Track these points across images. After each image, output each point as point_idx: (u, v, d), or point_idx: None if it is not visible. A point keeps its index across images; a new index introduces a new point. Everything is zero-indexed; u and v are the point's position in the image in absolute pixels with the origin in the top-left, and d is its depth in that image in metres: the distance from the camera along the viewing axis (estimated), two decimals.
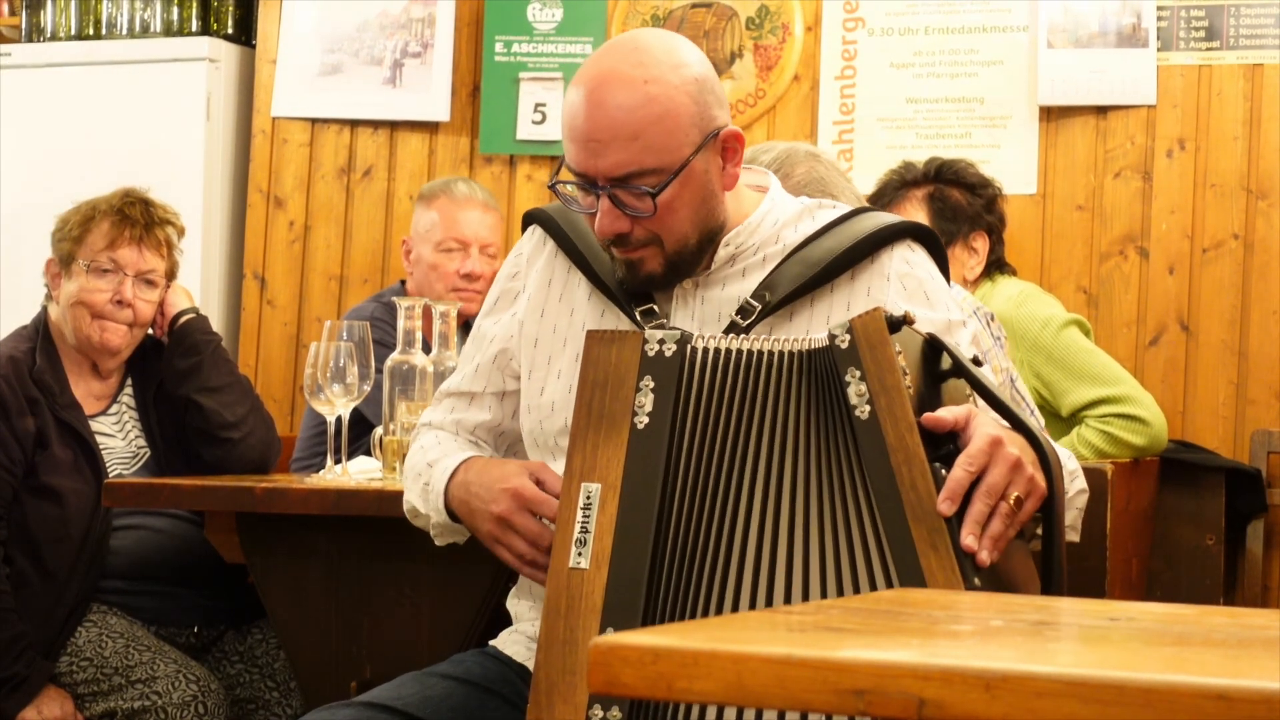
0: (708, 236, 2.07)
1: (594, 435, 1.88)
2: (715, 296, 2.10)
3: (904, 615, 1.26)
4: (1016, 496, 1.77)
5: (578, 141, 2.01)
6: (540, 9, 4.54)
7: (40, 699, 3.09)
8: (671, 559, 1.85)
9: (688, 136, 2.01)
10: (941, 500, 1.75)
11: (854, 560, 1.79)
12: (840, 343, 1.83)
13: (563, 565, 1.86)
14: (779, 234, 2.12)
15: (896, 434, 1.78)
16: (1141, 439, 3.49)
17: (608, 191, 2.01)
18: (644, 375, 1.88)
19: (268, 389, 4.57)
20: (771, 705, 1.00)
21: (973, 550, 1.74)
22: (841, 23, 4.39)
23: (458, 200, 3.92)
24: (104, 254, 3.29)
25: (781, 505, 1.83)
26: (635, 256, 2.05)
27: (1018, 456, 1.78)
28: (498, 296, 2.24)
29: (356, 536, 2.76)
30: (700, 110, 2.02)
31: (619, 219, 2.02)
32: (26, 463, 3.18)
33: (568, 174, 2.08)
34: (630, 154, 1.98)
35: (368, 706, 2.04)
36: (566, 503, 1.88)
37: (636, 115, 1.98)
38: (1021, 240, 4.13)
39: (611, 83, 2.00)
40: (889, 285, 2.08)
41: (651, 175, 1.99)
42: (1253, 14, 4.11)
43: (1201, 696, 0.92)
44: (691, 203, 2.03)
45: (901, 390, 1.78)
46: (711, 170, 2.05)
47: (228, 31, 4.85)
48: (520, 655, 2.16)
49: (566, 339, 2.15)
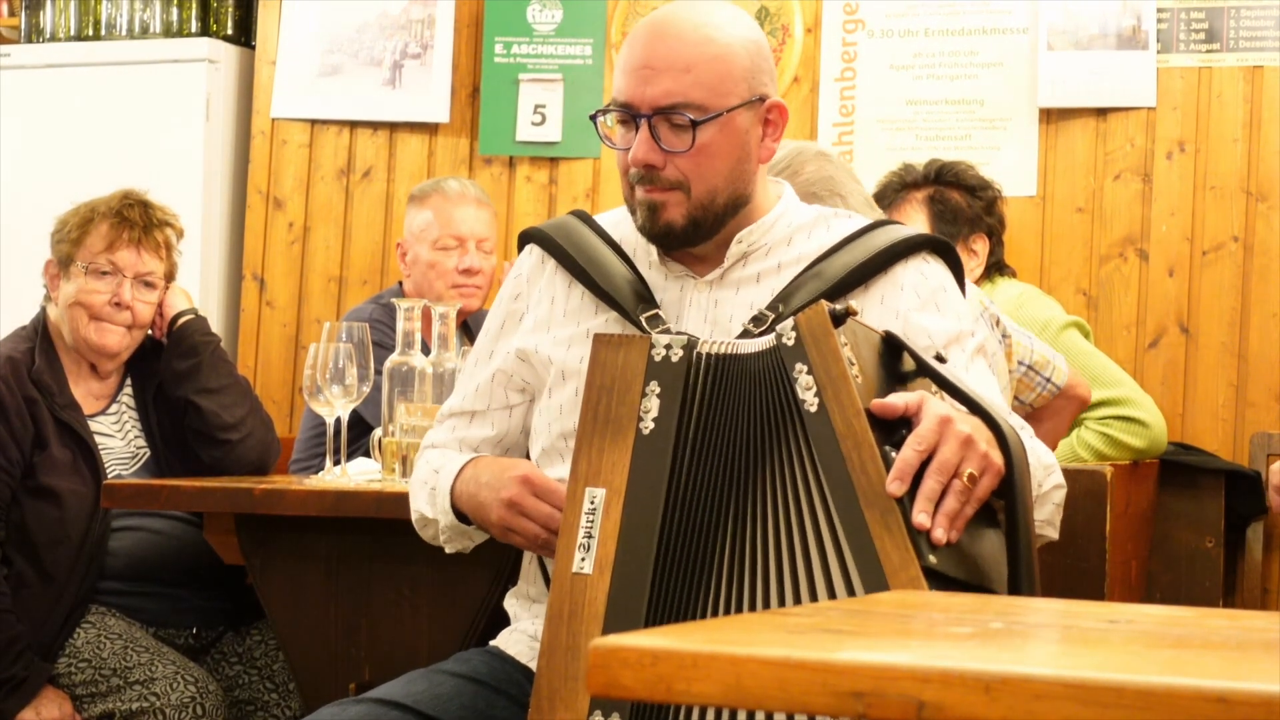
0: (733, 201, 2.09)
1: (599, 440, 1.88)
2: (729, 300, 2.11)
3: (903, 617, 1.26)
4: (970, 473, 1.76)
5: (631, 70, 2.06)
6: (540, 10, 4.54)
7: (38, 700, 3.09)
8: (675, 565, 1.85)
9: (737, 86, 2.06)
10: (890, 480, 1.74)
11: (808, 551, 1.79)
12: (786, 340, 1.83)
13: (566, 570, 1.85)
14: (791, 237, 2.14)
15: (844, 421, 1.78)
16: (1141, 441, 3.49)
17: (649, 120, 2.04)
18: (650, 380, 1.88)
19: (267, 390, 4.57)
20: (770, 707, 1.00)
21: (925, 527, 1.73)
22: (841, 24, 4.39)
23: (451, 198, 3.92)
24: (102, 256, 3.29)
25: (779, 512, 1.83)
26: (660, 199, 2.07)
27: (969, 433, 1.77)
28: (503, 320, 2.25)
29: (355, 538, 2.76)
30: (753, 69, 2.08)
31: (654, 150, 2.05)
32: (25, 463, 3.18)
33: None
34: (680, 85, 2.03)
35: (379, 703, 2.04)
36: (571, 507, 1.87)
37: (693, 50, 2.04)
38: (1021, 242, 4.13)
39: (676, 21, 2.07)
40: (902, 294, 2.10)
41: (695, 110, 2.04)
42: (1252, 16, 4.11)
43: (1201, 699, 0.91)
44: (727, 154, 2.07)
45: (848, 379, 1.79)
46: (751, 133, 2.09)
47: (227, 32, 4.85)
48: (523, 655, 2.16)
49: (570, 344, 2.15)
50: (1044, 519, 2.05)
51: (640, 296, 2.11)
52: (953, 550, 1.76)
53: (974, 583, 1.79)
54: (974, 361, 2.12)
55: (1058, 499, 2.07)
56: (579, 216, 2.26)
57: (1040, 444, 2.07)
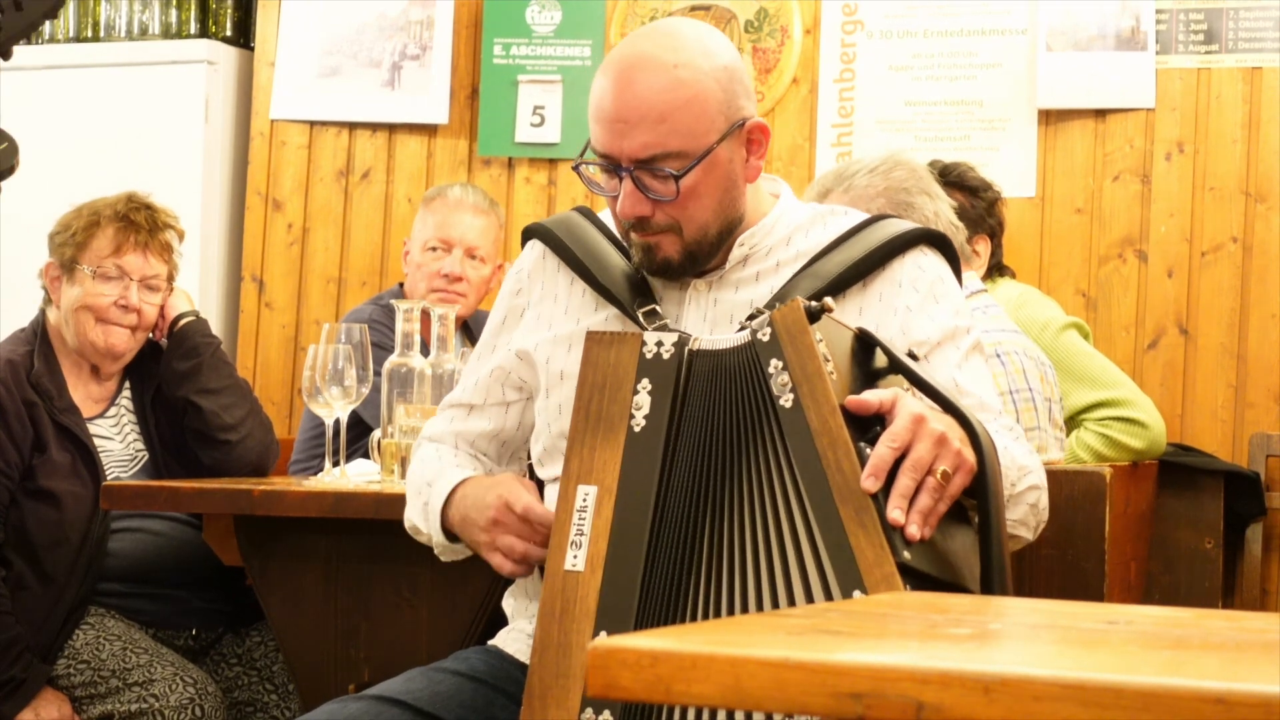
0: (727, 228, 2.09)
1: (591, 438, 1.88)
2: (729, 299, 2.11)
3: (902, 618, 1.26)
4: (944, 470, 1.77)
5: (604, 122, 2.03)
6: (539, 11, 4.54)
7: (38, 701, 3.09)
8: (666, 563, 1.85)
9: (714, 123, 2.02)
10: (865, 477, 1.76)
11: (784, 547, 1.79)
12: (761, 336, 1.84)
13: (558, 567, 1.85)
14: (790, 237, 2.14)
15: (820, 418, 1.79)
16: (1140, 442, 3.48)
17: (631, 174, 2.02)
18: (641, 377, 1.89)
19: (266, 391, 4.57)
20: (769, 708, 1.00)
21: (899, 524, 1.74)
22: (840, 25, 4.39)
23: (450, 203, 3.95)
24: (110, 260, 3.29)
25: (758, 507, 1.83)
26: (653, 241, 2.06)
27: (942, 432, 1.79)
28: (505, 315, 2.25)
29: (355, 539, 2.76)
30: (728, 99, 2.04)
31: (641, 201, 2.03)
32: (24, 466, 3.18)
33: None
34: (656, 135, 2.00)
35: (378, 700, 2.04)
36: (563, 505, 1.87)
37: (665, 97, 2.00)
38: (1020, 243, 4.13)
39: (642, 66, 2.01)
40: (900, 290, 2.10)
41: (676, 159, 2.01)
42: (1251, 17, 4.11)
43: (1200, 700, 0.91)
44: (714, 190, 2.05)
45: (823, 375, 1.79)
46: (735, 160, 2.07)
47: (226, 34, 4.85)
48: (522, 653, 2.16)
49: (571, 344, 2.15)
50: (1017, 519, 2.04)
51: (638, 292, 2.11)
52: (926, 547, 1.77)
53: (947, 579, 1.80)
54: (969, 359, 2.12)
55: (1032, 499, 2.05)
56: (582, 213, 2.26)
57: (1022, 445, 2.07)
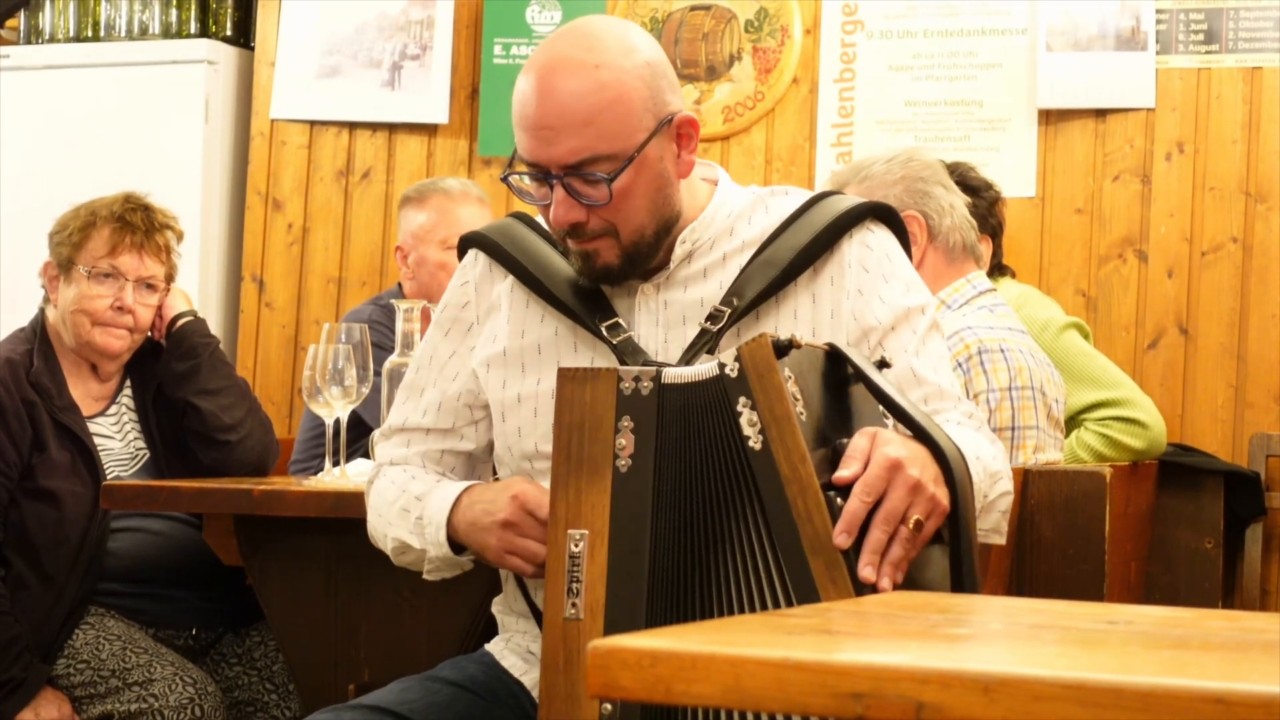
0: (664, 226, 2.04)
1: (575, 480, 1.82)
2: (678, 299, 2.07)
3: (902, 619, 1.26)
4: (916, 520, 1.74)
5: (529, 130, 1.98)
6: (539, 11, 4.54)
7: (37, 701, 3.09)
8: (664, 607, 1.81)
9: (641, 122, 1.97)
10: (838, 534, 1.72)
11: (762, 593, 1.76)
12: (730, 372, 1.79)
13: (557, 616, 1.81)
14: (733, 227, 2.10)
15: (790, 465, 1.74)
16: (1140, 442, 3.48)
17: (562, 180, 1.97)
18: (622, 415, 1.83)
19: (266, 391, 4.57)
20: (769, 708, 1.00)
21: (870, 581, 1.71)
22: (840, 25, 4.39)
23: (454, 197, 3.91)
24: (105, 260, 3.28)
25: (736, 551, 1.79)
26: (590, 248, 2.01)
27: (917, 479, 1.75)
28: (449, 327, 2.18)
29: (355, 539, 2.75)
30: (653, 95, 1.99)
31: (574, 208, 1.99)
32: (24, 465, 3.18)
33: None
34: (583, 140, 1.95)
35: (373, 710, 2.01)
36: (554, 551, 1.82)
37: (588, 101, 1.95)
38: (1020, 243, 4.13)
39: (562, 69, 1.96)
40: (849, 271, 2.05)
41: (606, 161, 1.96)
42: (1252, 17, 4.11)
43: (1200, 700, 0.91)
44: (647, 190, 2.00)
45: (791, 419, 1.74)
46: (666, 157, 2.02)
47: (226, 34, 4.85)
48: (516, 669, 2.13)
49: (524, 364, 2.10)
50: (989, 528, 2.02)
51: (593, 302, 2.06)
52: (896, 589, 1.74)
53: None
54: (926, 342, 2.07)
55: (1004, 506, 2.03)
56: (520, 219, 2.20)
57: (985, 439, 2.03)
